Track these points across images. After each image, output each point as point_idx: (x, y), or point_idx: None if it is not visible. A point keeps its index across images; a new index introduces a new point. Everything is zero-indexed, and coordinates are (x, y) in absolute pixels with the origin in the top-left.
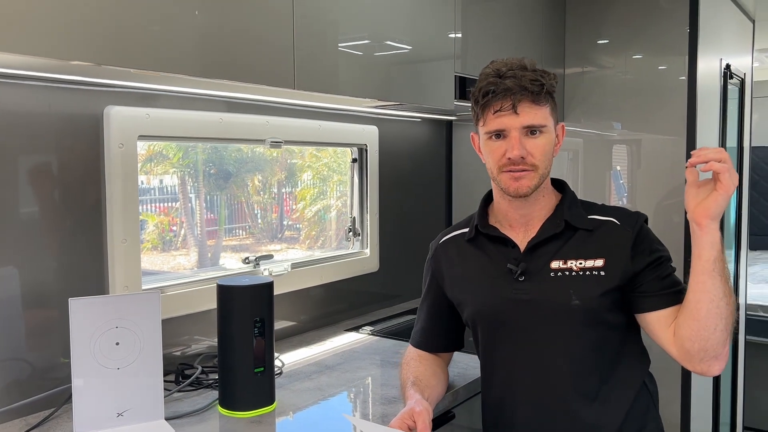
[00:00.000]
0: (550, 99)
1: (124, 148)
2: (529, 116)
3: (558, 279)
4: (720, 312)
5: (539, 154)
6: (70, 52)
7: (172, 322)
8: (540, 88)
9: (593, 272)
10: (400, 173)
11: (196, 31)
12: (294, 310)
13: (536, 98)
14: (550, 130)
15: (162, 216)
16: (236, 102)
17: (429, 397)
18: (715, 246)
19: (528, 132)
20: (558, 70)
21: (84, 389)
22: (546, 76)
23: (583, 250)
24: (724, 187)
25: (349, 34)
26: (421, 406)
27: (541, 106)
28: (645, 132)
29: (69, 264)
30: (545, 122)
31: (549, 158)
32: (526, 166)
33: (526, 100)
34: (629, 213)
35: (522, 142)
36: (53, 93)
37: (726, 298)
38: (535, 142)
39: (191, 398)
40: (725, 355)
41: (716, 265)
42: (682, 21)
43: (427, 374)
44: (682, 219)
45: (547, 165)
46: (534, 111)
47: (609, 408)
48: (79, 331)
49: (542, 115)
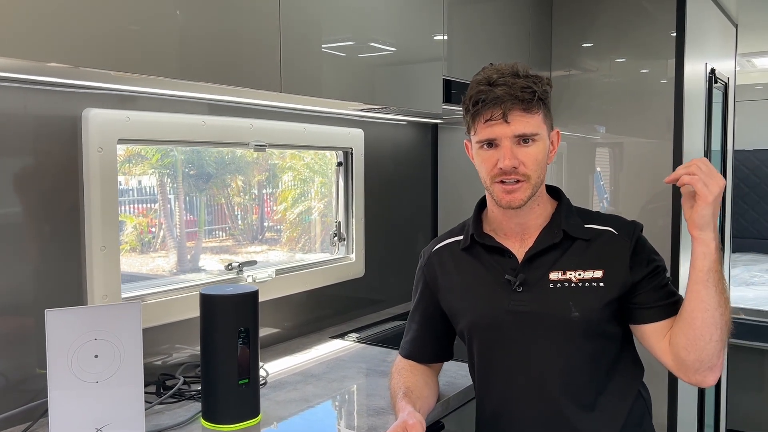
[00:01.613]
0: (543, 106)
1: (103, 152)
2: (520, 125)
3: (557, 291)
4: (715, 322)
5: (531, 164)
6: (46, 54)
7: (153, 331)
8: (531, 96)
9: (592, 284)
10: (385, 177)
11: (178, 31)
12: (278, 317)
13: (527, 106)
14: (542, 138)
15: (140, 217)
16: (219, 104)
17: (421, 409)
18: (708, 256)
19: (520, 141)
20: (544, 73)
21: (61, 404)
22: (539, 82)
23: (581, 260)
24: (700, 197)
25: (334, 35)
26: (414, 419)
27: (533, 114)
28: (628, 135)
29: (45, 271)
30: (537, 130)
31: (542, 167)
32: (518, 176)
33: (516, 109)
34: (626, 222)
35: (513, 152)
36: (29, 94)
37: (721, 308)
38: (527, 151)
39: (173, 410)
40: (720, 365)
41: (710, 275)
42: (668, 25)
43: (419, 385)
44: (667, 222)
45: (541, 174)
46: (525, 119)
47: (606, 418)
48: (55, 344)
49: (534, 123)
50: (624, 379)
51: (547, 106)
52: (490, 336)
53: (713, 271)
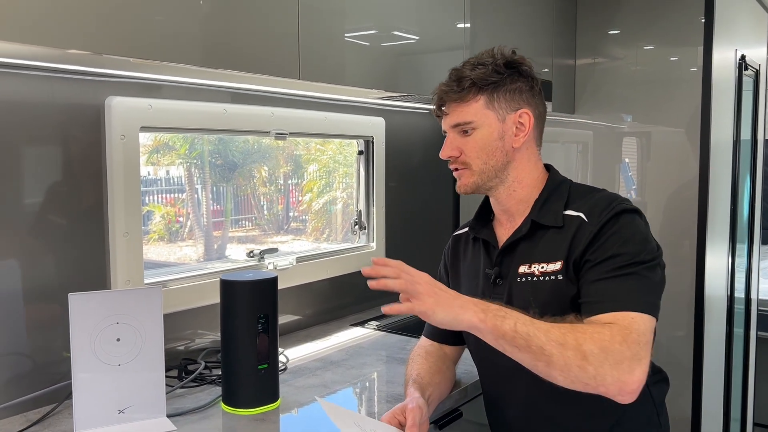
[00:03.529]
0: (486, 91)
1: (125, 139)
2: (454, 115)
3: (522, 285)
4: (541, 372)
5: (470, 152)
6: (68, 41)
7: (176, 316)
8: (465, 83)
9: (551, 277)
10: (406, 165)
11: (200, 19)
12: (299, 304)
13: (460, 96)
14: (484, 125)
15: (168, 207)
16: (241, 93)
17: (430, 395)
18: (486, 335)
19: (461, 130)
20: (569, 61)
21: (84, 386)
22: (489, 67)
23: (547, 252)
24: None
25: (355, 23)
26: (414, 403)
27: (468, 102)
28: (655, 124)
29: (70, 258)
30: (472, 118)
31: (488, 153)
32: (459, 164)
33: (451, 100)
34: (605, 205)
35: (455, 142)
36: (55, 83)
37: (538, 362)
38: (466, 140)
39: (194, 394)
40: (614, 386)
41: (500, 345)
42: (696, 11)
43: (431, 371)
44: (694, 213)
45: (488, 161)
46: (460, 109)
47: (594, 414)
48: (79, 327)
49: (470, 111)
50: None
51: (498, 89)
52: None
53: (500, 341)
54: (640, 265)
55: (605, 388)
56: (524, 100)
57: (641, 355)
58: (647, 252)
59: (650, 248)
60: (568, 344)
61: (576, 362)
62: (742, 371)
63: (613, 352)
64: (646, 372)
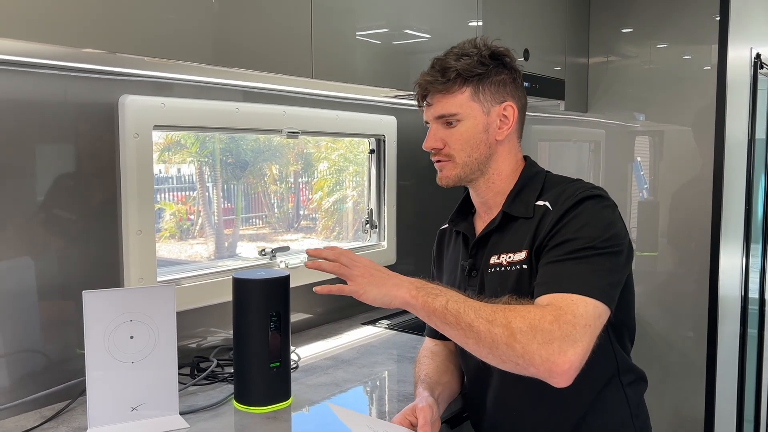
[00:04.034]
0: (471, 83)
1: (139, 138)
2: (439, 106)
3: (492, 275)
4: (469, 348)
5: (454, 144)
6: (82, 40)
7: (188, 314)
8: (451, 75)
9: (517, 267)
10: (418, 164)
11: (212, 18)
12: (310, 303)
13: (446, 87)
14: (469, 117)
15: (179, 205)
16: (253, 92)
17: (440, 395)
18: (411, 307)
19: (445, 122)
20: (582, 59)
21: (98, 383)
22: (474, 58)
23: (515, 242)
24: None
25: (367, 22)
26: (424, 402)
27: (453, 93)
28: (668, 123)
29: (84, 255)
30: (458, 110)
31: (472, 146)
32: (442, 156)
33: (436, 91)
34: (570, 192)
35: (438, 133)
36: (69, 81)
37: (468, 337)
38: (450, 132)
39: (206, 392)
40: (543, 366)
41: (430, 319)
42: (711, 9)
43: (439, 371)
44: (707, 213)
45: (471, 153)
46: (445, 100)
47: (558, 407)
48: (93, 325)
49: (455, 103)
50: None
51: (483, 81)
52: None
53: (432, 317)
54: (595, 250)
55: (535, 368)
56: (508, 92)
57: (576, 338)
58: (607, 238)
59: (611, 235)
60: (496, 321)
61: (503, 339)
62: (756, 371)
63: (542, 331)
64: (581, 356)
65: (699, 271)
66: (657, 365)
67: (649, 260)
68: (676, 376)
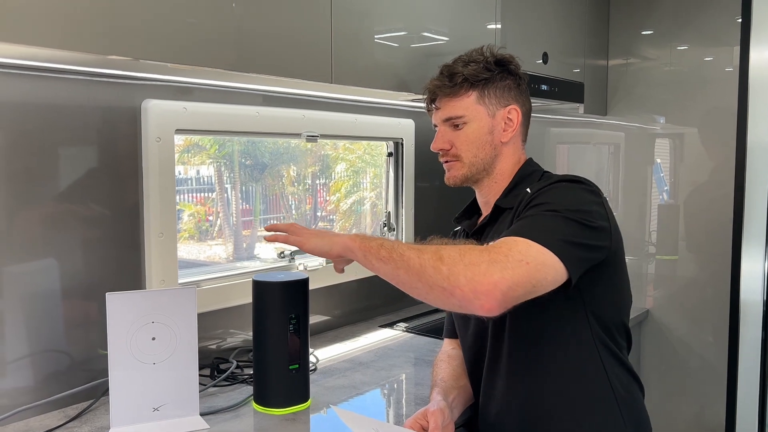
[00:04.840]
0: (477, 87)
1: (161, 141)
2: (446, 109)
3: None
4: (403, 281)
5: (461, 145)
6: (108, 47)
7: (208, 316)
8: (458, 79)
9: None
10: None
11: (233, 24)
12: (328, 305)
13: (452, 91)
14: (474, 119)
15: (198, 206)
16: (272, 95)
17: (454, 399)
18: (357, 254)
19: (452, 124)
20: (601, 61)
21: (121, 384)
22: (480, 64)
23: (501, 229)
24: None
25: (385, 25)
26: (435, 406)
27: (460, 97)
28: (689, 125)
29: (107, 257)
30: (464, 113)
31: (478, 147)
32: (449, 157)
33: (442, 95)
34: (551, 178)
35: (446, 135)
36: (93, 86)
37: (398, 269)
38: (457, 134)
39: (226, 393)
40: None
41: (367, 259)
42: (733, 10)
43: (455, 375)
44: (729, 215)
45: (477, 153)
46: (452, 103)
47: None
48: (116, 326)
49: (461, 106)
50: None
51: (488, 86)
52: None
53: (368, 255)
54: (558, 213)
55: (460, 290)
56: (513, 97)
57: (505, 265)
58: (575, 210)
59: (580, 209)
60: (427, 250)
61: (431, 263)
62: None
63: (470, 255)
64: (508, 284)
65: (719, 275)
66: (677, 370)
67: (668, 264)
68: (697, 382)
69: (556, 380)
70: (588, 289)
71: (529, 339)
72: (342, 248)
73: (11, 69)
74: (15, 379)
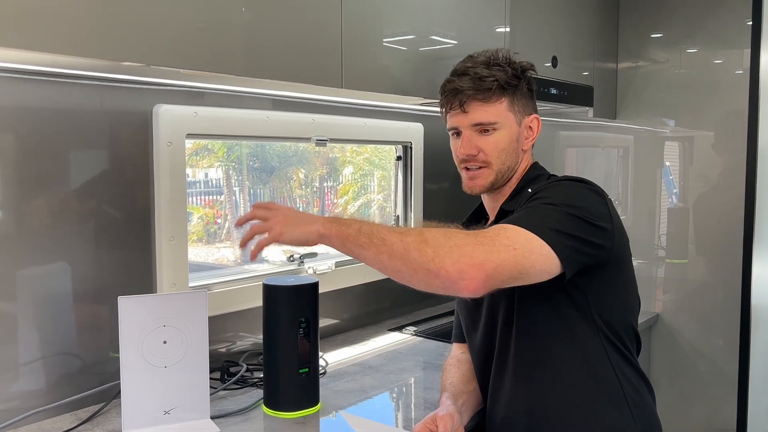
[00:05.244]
0: (509, 94)
1: (172, 146)
2: (477, 114)
3: None
4: (386, 266)
5: (491, 151)
6: (121, 53)
7: (218, 319)
8: (491, 85)
9: None
10: (445, 171)
11: (243, 28)
12: (337, 309)
13: (486, 95)
14: (505, 126)
15: (207, 209)
16: (282, 100)
17: (464, 404)
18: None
19: (480, 130)
20: (611, 64)
21: (132, 387)
22: (508, 70)
23: None
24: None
25: (394, 28)
26: (444, 411)
27: (492, 103)
28: (699, 128)
29: (119, 260)
30: (496, 119)
31: (507, 154)
32: (479, 162)
33: (474, 99)
34: (553, 177)
35: (473, 140)
36: (105, 92)
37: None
38: (488, 140)
39: (236, 397)
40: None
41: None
42: (743, 13)
43: (464, 380)
44: (740, 219)
45: (505, 161)
46: (483, 109)
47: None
48: (127, 330)
49: (493, 112)
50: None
51: (518, 93)
52: (462, 312)
53: (347, 243)
54: (554, 205)
55: (446, 271)
56: (532, 105)
57: (491, 249)
58: (574, 206)
59: (581, 205)
60: (410, 232)
61: (415, 245)
62: None
63: (456, 238)
64: (493, 266)
65: (730, 278)
66: (687, 375)
67: (678, 268)
68: (707, 386)
69: (564, 380)
70: (593, 290)
71: (537, 340)
72: (318, 238)
73: (24, 75)
74: (27, 381)
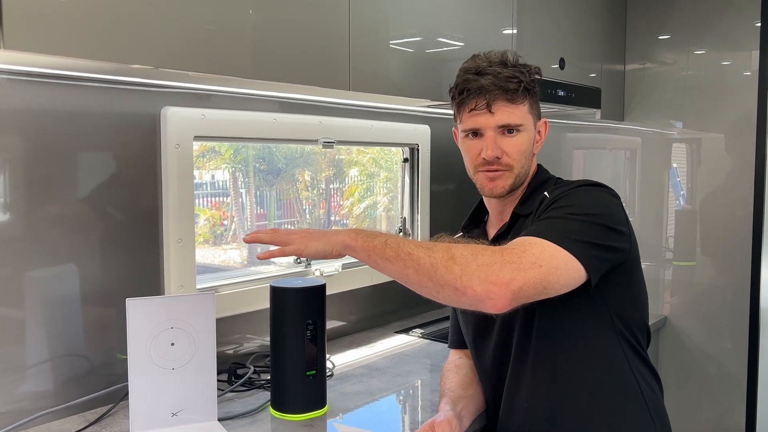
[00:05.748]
0: (529, 96)
1: (180, 148)
2: (504, 115)
3: None
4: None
5: (515, 154)
6: (130, 56)
7: (225, 321)
8: (517, 86)
9: None
10: (452, 172)
11: (251, 30)
12: (344, 311)
13: (513, 96)
14: (528, 129)
15: (213, 210)
16: (289, 102)
17: (463, 409)
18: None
19: (504, 131)
20: (618, 66)
21: (140, 389)
22: (526, 72)
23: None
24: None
25: (401, 30)
26: (442, 416)
27: (518, 104)
28: (707, 130)
29: (126, 262)
30: (522, 121)
31: (527, 157)
32: (501, 166)
33: (501, 99)
34: (569, 183)
35: (497, 142)
36: (112, 94)
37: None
38: (512, 142)
39: (243, 399)
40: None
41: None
42: (752, 14)
43: (463, 385)
44: (748, 221)
45: (525, 164)
46: (510, 110)
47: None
48: (135, 332)
49: (519, 114)
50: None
51: (534, 96)
52: (464, 318)
53: (372, 255)
54: (574, 215)
55: (473, 290)
56: (540, 109)
57: (519, 267)
58: (593, 213)
59: (602, 212)
60: (437, 248)
61: (443, 262)
62: None
63: (483, 256)
64: (520, 285)
65: (738, 280)
66: (695, 377)
67: (686, 270)
68: (715, 389)
69: (586, 383)
70: (612, 291)
71: (558, 343)
72: (343, 248)
73: (32, 77)
74: (35, 383)
